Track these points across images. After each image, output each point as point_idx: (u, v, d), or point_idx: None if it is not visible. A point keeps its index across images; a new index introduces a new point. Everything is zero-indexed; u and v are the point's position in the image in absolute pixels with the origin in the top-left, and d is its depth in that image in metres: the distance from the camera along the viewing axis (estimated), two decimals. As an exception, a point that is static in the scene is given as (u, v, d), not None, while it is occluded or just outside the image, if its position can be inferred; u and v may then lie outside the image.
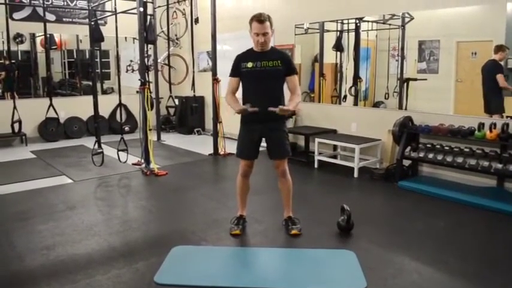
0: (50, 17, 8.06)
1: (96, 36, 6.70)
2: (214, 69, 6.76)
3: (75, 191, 5.07)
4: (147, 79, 5.86)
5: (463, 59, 5.54)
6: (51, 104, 5.54)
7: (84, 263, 3.21)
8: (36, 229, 3.87)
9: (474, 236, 3.73)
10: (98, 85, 8.25)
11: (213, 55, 6.80)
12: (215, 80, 6.66)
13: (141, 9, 5.67)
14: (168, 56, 6.87)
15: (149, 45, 6.79)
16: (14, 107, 5.14)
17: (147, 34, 5.83)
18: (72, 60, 9.73)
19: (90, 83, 9.22)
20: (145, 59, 5.98)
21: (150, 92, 5.83)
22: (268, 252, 3.39)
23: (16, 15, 7.69)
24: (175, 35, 8.99)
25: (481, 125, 4.70)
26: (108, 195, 4.97)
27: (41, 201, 4.66)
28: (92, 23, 6.44)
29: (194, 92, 6.70)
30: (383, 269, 3.12)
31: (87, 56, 9.50)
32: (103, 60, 9.31)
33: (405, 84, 6.36)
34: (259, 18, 3.42)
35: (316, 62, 7.32)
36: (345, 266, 3.13)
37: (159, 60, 8.55)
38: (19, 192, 4.95)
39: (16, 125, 5.05)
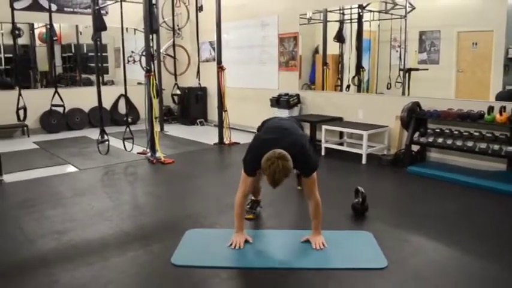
0: (52, 7, 7.91)
1: (99, 25, 6.59)
2: (219, 58, 6.68)
3: (81, 179, 4.98)
4: (152, 67, 5.76)
5: (464, 49, 5.49)
6: (56, 92, 5.42)
7: (97, 246, 3.14)
8: (45, 215, 3.78)
9: (487, 217, 3.68)
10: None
11: (217, 43, 6.71)
12: (220, 68, 6.57)
13: (146, -5, 5.57)
14: (174, 46, 6.76)
15: (152, 35, 6.68)
16: (19, 94, 5.01)
17: (151, 23, 5.74)
18: (71, 54, 9.60)
19: (90, 76, 9.19)
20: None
21: (156, 80, 5.73)
22: (285, 233, 3.33)
23: (17, 5, 7.55)
24: (177, 25, 8.89)
25: (491, 109, 4.64)
26: (115, 182, 4.88)
27: (47, 189, 4.57)
28: (95, 10, 6.32)
29: (199, 80, 6.61)
30: (401, 248, 3.07)
31: (86, 50, 9.41)
32: (102, 54, 9.19)
33: (407, 74, 6.33)
34: (273, 185, 2.76)
35: (317, 53, 7.25)
36: (364, 246, 3.08)
37: (161, 50, 8.45)
38: (24, 181, 4.85)
39: (21, 112, 4.92)
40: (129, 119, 8.01)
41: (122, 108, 8.80)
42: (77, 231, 3.42)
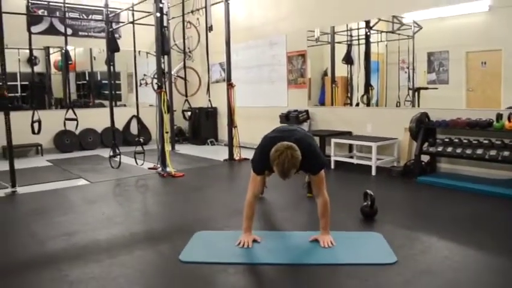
0: (67, 31, 8.20)
1: (112, 47, 6.81)
2: (228, 75, 6.80)
3: (93, 190, 5.03)
4: (163, 84, 5.89)
5: (473, 69, 5.53)
6: (70, 107, 5.56)
7: (106, 246, 3.16)
8: (56, 220, 3.82)
9: (500, 220, 3.62)
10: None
11: (227, 61, 6.85)
12: (230, 85, 6.68)
13: (158, 14, 5.76)
14: (184, 67, 6.92)
15: (163, 58, 6.87)
16: (34, 109, 5.13)
17: (163, 44, 5.91)
18: (85, 82, 9.85)
19: (103, 102, 9.38)
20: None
21: (167, 96, 5.85)
22: (293, 234, 3.30)
23: (34, 29, 7.83)
24: (188, 48, 9.11)
25: (500, 116, 4.64)
26: (126, 193, 4.92)
27: (59, 199, 4.63)
28: (109, 32, 6.54)
29: (209, 96, 6.72)
30: (411, 246, 3.03)
31: (100, 78, 9.65)
32: (115, 81, 9.42)
33: (416, 93, 6.37)
34: (283, 176, 2.76)
35: (326, 75, 7.36)
36: (373, 244, 3.04)
37: (172, 72, 8.64)
38: (37, 192, 4.92)
39: (36, 125, 5.03)
40: (141, 139, 8.17)
41: (134, 128, 8.93)
42: (87, 233, 3.44)
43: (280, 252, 2.95)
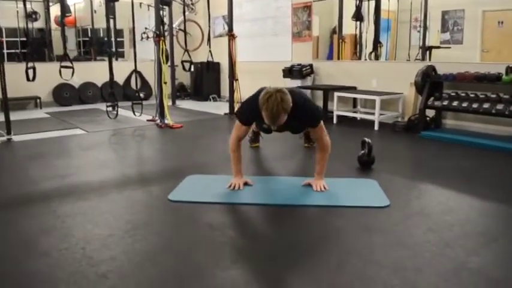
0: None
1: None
2: (230, 26, 6.68)
3: (89, 139, 5.06)
4: (162, 32, 5.80)
5: (489, 29, 5.37)
6: (65, 55, 5.51)
7: (97, 186, 3.19)
8: (51, 163, 3.87)
9: (501, 172, 3.58)
10: (113, 59, 8.16)
11: (229, 10, 6.71)
12: (231, 36, 6.58)
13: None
14: (184, 18, 6.80)
15: (164, 12, 6.73)
16: (29, 56, 5.10)
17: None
18: (87, 39, 9.73)
19: (104, 59, 9.28)
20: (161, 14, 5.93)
21: (165, 45, 5.78)
22: (286, 179, 3.31)
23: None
24: (191, 0, 8.92)
25: (509, 69, 4.52)
26: (122, 141, 4.95)
27: (55, 146, 4.67)
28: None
29: (210, 47, 6.61)
30: (407, 193, 3.03)
31: (102, 35, 9.52)
32: (118, 39, 9.29)
33: (428, 52, 6.22)
34: (272, 121, 2.68)
35: (334, 33, 7.19)
36: (366, 190, 3.04)
37: (174, 26, 8.50)
38: (33, 140, 4.96)
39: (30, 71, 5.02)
40: (142, 95, 8.14)
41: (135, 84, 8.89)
42: (80, 175, 3.48)
43: (270, 194, 2.97)
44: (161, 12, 5.99)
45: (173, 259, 2.07)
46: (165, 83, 5.79)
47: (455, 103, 4.84)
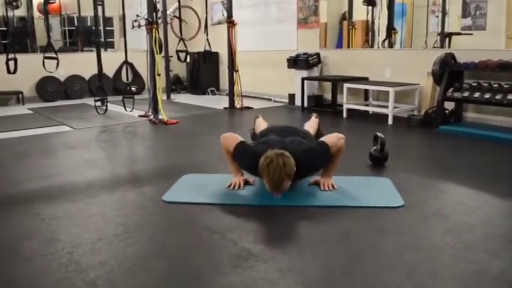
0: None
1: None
2: (229, 12, 6.70)
3: (76, 136, 5.10)
4: (154, 19, 5.82)
5: None
6: (49, 42, 5.54)
7: (85, 186, 3.22)
8: (36, 163, 3.91)
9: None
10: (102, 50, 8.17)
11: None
12: (231, 23, 6.59)
13: None
14: (179, 3, 6.82)
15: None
16: (10, 47, 5.14)
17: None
18: (73, 28, 9.74)
19: (92, 49, 9.31)
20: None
21: (159, 33, 5.80)
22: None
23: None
24: (186, -16, 8.94)
25: (537, 56, 4.52)
26: (112, 139, 4.99)
27: (39, 144, 4.71)
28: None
29: (207, 35, 6.64)
30: (424, 192, 3.04)
31: (90, 24, 9.54)
32: (107, 28, 9.32)
33: (447, 39, 6.21)
34: (274, 188, 2.71)
35: (344, 19, 7.20)
36: (379, 189, 3.05)
37: (168, 12, 8.51)
38: (17, 137, 5.00)
39: (11, 64, 5.07)
40: (134, 88, 8.16)
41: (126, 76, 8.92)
42: (66, 175, 3.52)
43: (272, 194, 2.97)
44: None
45: (168, 264, 2.09)
46: (159, 75, 5.80)
47: (476, 94, 4.83)
